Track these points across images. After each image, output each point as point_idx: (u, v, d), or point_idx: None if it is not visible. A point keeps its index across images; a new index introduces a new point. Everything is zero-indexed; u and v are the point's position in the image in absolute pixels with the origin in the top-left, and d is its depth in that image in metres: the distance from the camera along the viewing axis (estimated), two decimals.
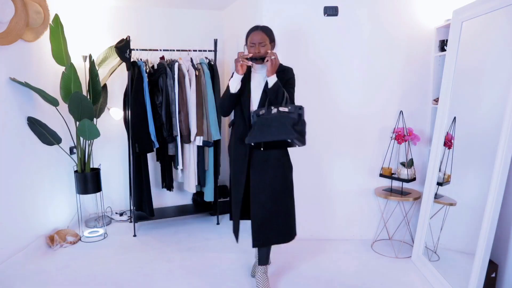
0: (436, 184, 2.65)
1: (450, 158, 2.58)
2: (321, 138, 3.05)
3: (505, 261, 2.28)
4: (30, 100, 2.90)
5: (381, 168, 3.01)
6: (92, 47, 3.42)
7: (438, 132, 2.64)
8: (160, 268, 2.70)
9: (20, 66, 2.79)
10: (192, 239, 3.20)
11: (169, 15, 3.78)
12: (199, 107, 3.23)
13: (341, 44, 2.95)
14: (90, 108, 2.96)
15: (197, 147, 3.32)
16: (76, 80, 2.96)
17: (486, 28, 2.40)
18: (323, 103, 3.02)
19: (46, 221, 3.09)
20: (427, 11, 2.92)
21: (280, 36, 2.82)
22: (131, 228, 3.36)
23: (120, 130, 3.71)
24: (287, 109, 2.11)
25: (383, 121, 3.04)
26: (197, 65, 3.29)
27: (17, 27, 2.63)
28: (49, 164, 3.14)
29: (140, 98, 3.11)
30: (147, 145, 3.16)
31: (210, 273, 2.62)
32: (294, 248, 3.00)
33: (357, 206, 3.15)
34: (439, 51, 2.91)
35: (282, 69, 2.30)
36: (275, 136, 2.09)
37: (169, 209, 3.69)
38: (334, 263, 2.77)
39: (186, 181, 3.40)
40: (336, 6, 2.89)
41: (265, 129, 2.11)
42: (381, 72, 2.99)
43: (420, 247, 2.74)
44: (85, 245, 3.09)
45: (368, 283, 2.49)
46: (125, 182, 3.81)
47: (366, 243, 3.09)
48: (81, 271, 2.66)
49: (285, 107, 2.12)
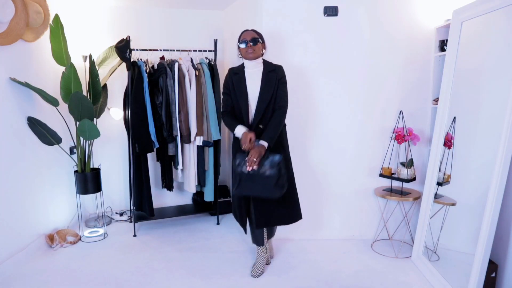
0: (436, 184, 2.65)
1: (450, 158, 2.58)
2: (321, 138, 3.05)
3: (505, 261, 2.28)
4: (30, 100, 2.90)
5: (381, 168, 3.01)
6: (92, 47, 3.42)
7: (438, 132, 2.64)
8: (160, 268, 2.70)
9: (20, 66, 2.79)
10: (192, 239, 3.20)
11: (169, 15, 3.78)
12: (199, 107, 3.23)
13: (341, 44, 2.95)
14: (90, 108, 2.96)
15: (197, 147, 3.32)
16: (76, 80, 2.96)
17: (486, 28, 2.40)
18: (323, 103, 3.02)
19: (46, 221, 3.09)
20: (427, 11, 2.93)
21: (280, 36, 2.84)
22: (131, 228, 3.36)
23: (120, 130, 3.71)
24: (267, 173, 2.28)
25: (383, 121, 3.04)
26: (197, 65, 3.29)
27: (17, 27, 2.63)
28: (49, 164, 3.14)
29: (140, 98, 3.11)
30: (147, 145, 3.16)
31: (210, 273, 2.62)
32: (294, 248, 3.00)
33: (357, 206, 3.15)
34: (439, 51, 2.92)
35: (272, 68, 2.49)
36: (260, 193, 2.34)
37: (169, 209, 3.69)
38: (334, 263, 2.77)
39: (186, 181, 3.40)
40: (336, 6, 2.89)
41: (250, 185, 2.32)
42: (381, 72, 2.99)
43: (420, 247, 2.74)
44: (85, 245, 3.09)
45: (368, 283, 2.49)
46: (125, 182, 3.81)
47: (366, 243, 3.09)
48: (81, 271, 2.66)
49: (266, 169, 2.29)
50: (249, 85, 2.48)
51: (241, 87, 2.47)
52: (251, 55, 2.44)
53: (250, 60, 2.48)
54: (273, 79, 2.44)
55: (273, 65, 2.51)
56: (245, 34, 2.47)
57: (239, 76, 2.50)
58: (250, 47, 2.42)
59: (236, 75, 2.52)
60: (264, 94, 2.43)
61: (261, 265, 2.60)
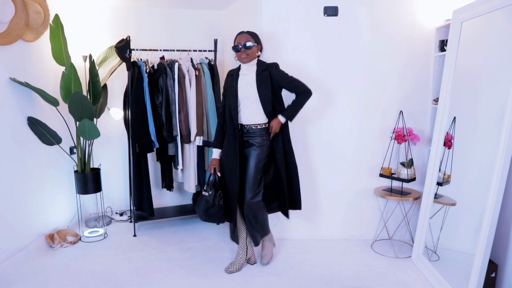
0: (436, 184, 2.65)
1: (450, 158, 2.58)
2: (321, 137, 3.05)
3: (505, 261, 2.28)
4: (30, 100, 2.90)
5: (381, 168, 3.01)
6: (92, 47, 3.42)
7: (438, 132, 2.64)
8: (160, 268, 2.70)
9: (20, 66, 2.79)
10: (192, 239, 3.20)
11: (169, 15, 3.78)
12: (199, 107, 3.23)
13: (341, 44, 2.95)
14: (90, 108, 2.96)
15: (197, 147, 3.33)
16: (76, 80, 2.96)
17: (486, 28, 2.40)
18: (323, 103, 3.02)
19: (46, 221, 3.09)
20: (427, 11, 2.93)
21: (280, 36, 2.84)
22: (131, 228, 3.36)
23: (120, 130, 3.71)
24: (207, 194, 2.52)
25: (383, 121, 3.04)
26: (197, 65, 3.29)
27: (17, 27, 2.63)
28: (49, 164, 3.14)
29: (140, 98, 3.11)
30: (147, 145, 3.16)
31: (210, 273, 2.62)
32: (294, 248, 3.00)
33: (357, 206, 3.15)
34: (439, 51, 2.91)
35: (264, 67, 2.52)
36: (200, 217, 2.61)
37: (169, 209, 3.69)
38: (334, 263, 2.77)
39: (186, 181, 3.40)
40: (336, 6, 2.89)
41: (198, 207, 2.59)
42: (381, 72, 2.99)
43: (420, 247, 2.74)
44: (85, 245, 3.09)
45: (368, 283, 2.49)
46: (125, 182, 3.81)
47: (366, 243, 3.09)
48: (81, 271, 2.66)
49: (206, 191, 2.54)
50: (240, 87, 2.54)
51: (232, 88, 2.55)
52: (245, 59, 2.50)
53: (244, 64, 2.54)
54: (266, 77, 2.48)
55: (266, 64, 2.54)
56: (239, 38, 2.50)
57: (233, 77, 2.59)
58: (244, 51, 2.47)
59: (231, 76, 2.62)
60: (263, 94, 2.48)
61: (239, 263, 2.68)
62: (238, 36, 2.52)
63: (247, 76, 2.54)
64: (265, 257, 2.74)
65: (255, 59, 2.54)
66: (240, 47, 2.47)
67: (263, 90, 2.47)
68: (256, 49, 2.52)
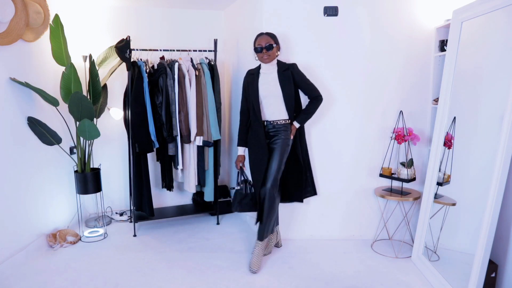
0: (436, 184, 2.65)
1: (450, 158, 2.58)
2: (321, 137, 3.05)
3: (505, 261, 2.28)
4: (30, 100, 2.90)
5: (381, 168, 3.01)
6: (92, 47, 3.42)
7: (438, 132, 2.64)
8: (160, 268, 2.70)
9: (20, 66, 2.79)
10: (192, 239, 3.20)
11: (169, 15, 3.78)
12: (199, 107, 3.23)
13: (341, 44, 2.95)
14: (90, 108, 2.96)
15: (197, 147, 3.33)
16: (76, 80, 2.96)
17: (486, 28, 2.40)
18: (323, 103, 3.01)
19: (46, 221, 3.09)
20: (427, 11, 2.93)
21: (280, 36, 2.83)
22: (131, 228, 3.36)
23: (120, 130, 3.71)
24: (239, 187, 2.74)
25: (383, 121, 3.04)
26: (197, 65, 3.29)
27: (17, 27, 2.63)
28: (49, 164, 3.14)
29: (140, 98, 3.11)
30: (147, 145, 3.16)
31: (210, 273, 2.62)
32: (294, 248, 3.00)
33: (357, 206, 3.15)
34: (439, 51, 2.92)
35: (286, 67, 2.69)
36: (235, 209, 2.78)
37: (169, 209, 3.69)
38: (334, 263, 2.77)
39: (186, 181, 3.40)
40: (336, 6, 2.89)
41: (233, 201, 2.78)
42: (381, 72, 2.99)
43: (420, 247, 2.74)
44: (85, 245, 3.09)
45: (368, 283, 2.49)
46: (125, 182, 3.81)
47: (366, 243, 3.09)
48: (81, 271, 2.66)
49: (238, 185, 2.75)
50: (261, 85, 2.69)
51: (253, 87, 2.69)
52: (266, 60, 2.64)
53: (265, 64, 2.68)
54: (289, 76, 2.66)
55: (287, 64, 2.71)
56: (260, 40, 2.63)
57: (253, 77, 2.73)
58: (265, 53, 2.61)
59: (251, 75, 2.75)
60: (286, 92, 2.64)
61: None
62: (258, 37, 2.65)
63: (268, 75, 2.69)
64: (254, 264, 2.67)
65: (275, 59, 2.69)
66: (262, 48, 2.59)
67: (287, 89, 2.64)
68: (276, 49, 2.66)
